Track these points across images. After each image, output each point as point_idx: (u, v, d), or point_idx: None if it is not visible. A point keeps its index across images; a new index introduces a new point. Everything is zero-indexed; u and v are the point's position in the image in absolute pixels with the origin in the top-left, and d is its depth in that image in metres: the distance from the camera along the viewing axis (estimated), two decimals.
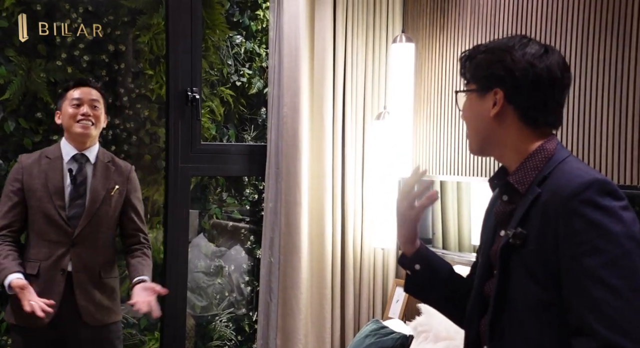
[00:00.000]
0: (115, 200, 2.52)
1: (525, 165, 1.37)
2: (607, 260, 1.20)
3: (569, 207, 1.24)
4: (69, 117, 2.48)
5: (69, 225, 2.44)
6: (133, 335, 3.59)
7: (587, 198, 1.23)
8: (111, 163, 2.56)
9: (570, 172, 1.30)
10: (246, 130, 3.90)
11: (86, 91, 2.52)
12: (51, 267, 2.42)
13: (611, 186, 1.25)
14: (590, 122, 2.34)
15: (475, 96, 1.40)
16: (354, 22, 3.22)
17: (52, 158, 2.49)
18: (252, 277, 3.83)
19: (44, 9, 3.37)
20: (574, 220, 1.23)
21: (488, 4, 2.81)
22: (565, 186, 1.26)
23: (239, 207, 3.94)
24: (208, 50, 3.71)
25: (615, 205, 1.23)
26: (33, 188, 2.44)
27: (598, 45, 2.32)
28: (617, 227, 1.22)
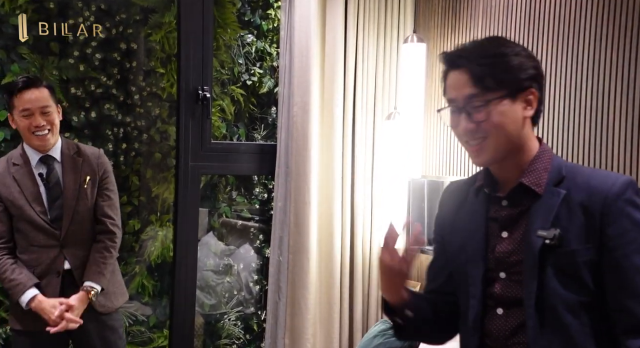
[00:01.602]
0: (90, 191, 2.48)
1: (535, 166, 1.37)
2: None
3: (616, 207, 1.28)
4: (23, 128, 2.41)
5: (54, 228, 2.42)
6: (142, 332, 3.60)
7: (628, 199, 1.29)
8: (77, 154, 2.50)
9: (594, 172, 1.36)
10: (256, 129, 3.91)
11: (33, 97, 2.38)
12: (45, 271, 2.42)
13: (638, 186, 1.32)
14: (602, 124, 2.33)
15: (508, 101, 1.35)
16: (365, 21, 3.22)
17: (20, 164, 2.44)
18: (261, 276, 3.84)
19: (57, 7, 3.39)
20: (622, 219, 1.27)
21: (500, 4, 2.80)
22: (604, 187, 1.30)
23: (248, 206, 3.95)
24: (219, 49, 3.72)
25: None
26: (11, 198, 2.41)
27: (611, 46, 2.30)
28: None
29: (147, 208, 3.72)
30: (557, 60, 2.51)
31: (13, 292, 2.38)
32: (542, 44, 2.58)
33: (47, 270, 2.42)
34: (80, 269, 2.45)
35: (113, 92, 3.57)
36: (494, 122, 1.35)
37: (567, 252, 1.30)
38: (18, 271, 2.37)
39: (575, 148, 2.43)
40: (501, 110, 1.35)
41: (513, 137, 1.37)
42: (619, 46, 2.27)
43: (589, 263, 1.29)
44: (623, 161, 2.25)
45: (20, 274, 2.37)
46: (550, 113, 2.54)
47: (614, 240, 1.27)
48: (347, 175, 3.21)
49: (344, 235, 3.20)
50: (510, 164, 1.40)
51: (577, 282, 1.29)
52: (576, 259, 1.29)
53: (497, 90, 1.34)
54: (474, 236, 1.43)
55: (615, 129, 2.29)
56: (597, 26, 2.35)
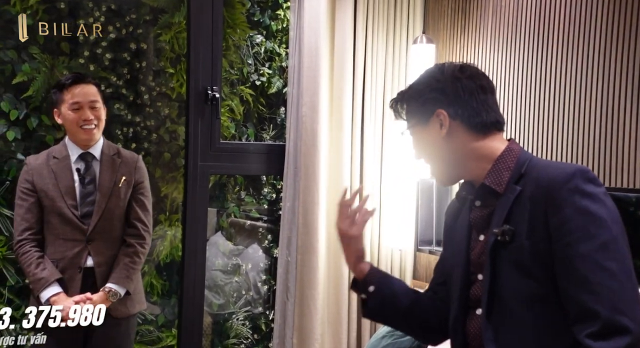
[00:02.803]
0: (124, 192, 2.52)
1: (497, 166, 1.41)
2: (600, 244, 1.25)
3: (558, 196, 1.28)
4: (71, 122, 2.46)
5: (83, 223, 2.45)
6: (151, 331, 3.62)
7: (574, 187, 1.28)
8: (117, 155, 2.54)
9: (548, 166, 1.36)
10: (265, 129, 3.92)
11: (83, 91, 2.45)
12: (68, 265, 2.44)
13: (592, 174, 1.31)
14: (611, 126, 2.32)
15: (420, 128, 1.46)
16: (374, 22, 3.22)
17: (60, 158, 2.49)
18: (269, 276, 3.85)
19: (68, 7, 3.41)
20: (564, 208, 1.28)
21: (510, 5, 2.79)
22: (550, 178, 1.31)
23: (257, 206, 3.96)
24: (228, 49, 3.73)
25: (599, 191, 1.30)
26: (45, 189, 2.45)
27: (621, 48, 2.29)
28: (604, 212, 1.28)
29: (156, 208, 3.74)
30: (566, 61, 2.50)
31: (35, 286, 2.40)
32: (551, 46, 2.57)
33: (70, 264, 2.43)
34: (102, 267, 2.46)
35: (123, 91, 3.58)
36: (417, 150, 1.51)
37: (518, 246, 1.32)
38: (42, 266, 2.40)
39: (585, 151, 2.42)
40: (418, 137, 1.49)
41: (443, 157, 1.45)
42: (629, 48, 2.26)
43: (538, 255, 1.30)
44: (633, 163, 2.24)
45: (44, 269, 2.39)
46: (559, 115, 2.53)
47: (558, 230, 1.28)
48: (355, 175, 3.21)
49: None
50: (474, 171, 1.44)
51: (530, 275, 1.31)
52: (526, 252, 1.31)
53: (411, 121, 1.50)
54: (460, 242, 1.48)
55: (625, 131, 2.28)
56: (607, 28, 2.34)
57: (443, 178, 1.48)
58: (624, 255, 1.27)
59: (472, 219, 1.45)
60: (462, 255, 1.46)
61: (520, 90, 2.73)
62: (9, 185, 3.28)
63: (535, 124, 2.65)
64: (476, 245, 1.44)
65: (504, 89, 2.82)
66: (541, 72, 2.62)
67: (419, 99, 1.46)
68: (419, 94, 1.47)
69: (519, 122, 2.73)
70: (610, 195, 1.34)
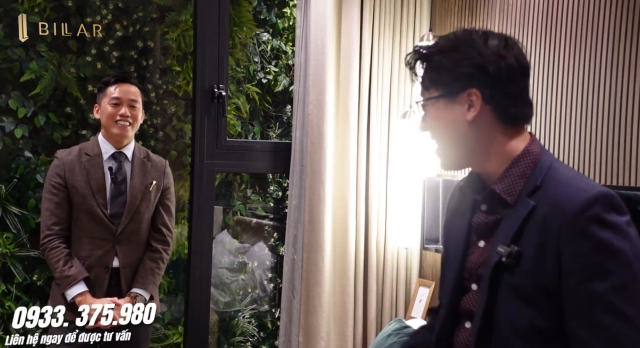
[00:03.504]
0: (154, 196, 2.55)
1: (511, 172, 1.23)
2: (618, 285, 1.10)
3: (575, 225, 1.12)
4: (108, 116, 2.50)
5: (113, 223, 2.46)
6: (157, 329, 3.62)
7: (594, 216, 1.12)
8: (147, 159, 2.58)
9: (568, 184, 1.18)
10: (271, 127, 3.92)
11: (126, 89, 2.51)
12: (95, 264, 2.45)
13: (616, 200, 1.15)
14: (621, 122, 2.31)
15: (444, 103, 1.25)
16: (381, 20, 3.21)
17: (92, 155, 2.50)
18: (275, 273, 3.85)
19: (75, 5, 3.42)
20: (581, 240, 1.12)
21: (517, 3, 2.78)
22: (568, 201, 1.14)
23: (263, 204, 3.96)
24: (235, 47, 3.73)
25: (622, 222, 1.13)
26: (76, 186, 2.46)
27: (629, 46, 2.28)
28: (626, 246, 1.12)
29: None
30: (574, 59, 2.49)
31: (62, 283, 2.40)
32: (559, 43, 2.56)
33: (97, 263, 2.44)
34: (128, 268, 2.48)
35: None
36: (429, 126, 1.29)
37: (523, 272, 1.16)
38: (70, 263, 2.41)
39: (593, 148, 2.41)
40: (436, 112, 1.27)
41: (459, 142, 1.26)
42: (637, 45, 2.25)
43: (544, 286, 1.15)
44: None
45: (71, 267, 2.40)
46: (567, 113, 2.52)
47: (572, 263, 1.12)
48: (361, 173, 3.21)
49: (359, 233, 3.20)
50: (488, 167, 1.27)
51: (532, 305, 1.16)
52: (531, 280, 1.16)
53: (433, 90, 1.27)
54: (457, 242, 1.33)
55: (634, 128, 2.27)
56: (615, 26, 2.33)
57: (448, 163, 1.30)
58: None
59: (474, 223, 1.29)
60: (457, 259, 1.31)
61: None
62: (16, 183, 3.29)
63: (543, 121, 2.64)
64: (475, 251, 1.29)
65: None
66: (548, 69, 2.61)
67: (453, 69, 1.23)
68: (454, 64, 1.23)
69: None
70: (620, 194, 1.19)
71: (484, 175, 1.29)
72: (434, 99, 1.26)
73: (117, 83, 2.52)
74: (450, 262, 1.34)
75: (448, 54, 1.24)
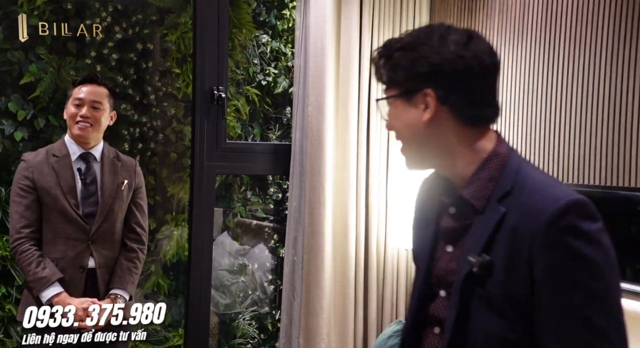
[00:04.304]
0: (126, 195, 2.52)
1: (479, 176, 1.17)
2: (591, 296, 1.06)
3: (547, 235, 1.07)
4: (70, 116, 2.47)
5: (86, 222, 2.44)
6: (157, 331, 3.62)
7: (567, 225, 1.07)
8: (116, 158, 2.55)
9: (540, 190, 1.12)
10: (271, 129, 3.92)
11: (91, 90, 2.47)
12: (70, 264, 2.41)
13: (589, 207, 1.10)
14: (620, 122, 2.31)
15: (401, 102, 1.20)
16: (380, 21, 3.21)
17: (60, 156, 2.47)
18: (276, 275, 3.85)
19: (74, 8, 3.42)
20: (554, 250, 1.07)
21: (517, 4, 2.78)
22: (541, 210, 1.09)
23: (263, 206, 3.96)
24: (234, 49, 3.73)
25: (595, 229, 1.08)
26: (46, 187, 2.43)
27: (629, 47, 2.28)
28: (600, 256, 1.08)
29: (163, 208, 3.75)
30: (573, 59, 2.49)
31: (36, 285, 2.37)
32: (559, 43, 2.56)
33: (71, 264, 2.42)
34: (104, 268, 2.46)
35: (129, 92, 3.59)
36: (390, 125, 1.24)
37: (494, 282, 1.11)
38: (43, 264, 2.38)
39: (592, 148, 2.40)
40: (394, 112, 1.22)
41: (418, 143, 1.20)
42: (637, 44, 2.25)
43: (514, 298, 1.10)
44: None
45: (45, 268, 2.37)
46: (566, 113, 2.52)
47: (543, 274, 1.07)
48: (361, 175, 3.21)
49: (359, 235, 3.20)
50: (454, 169, 1.21)
51: (503, 317, 1.11)
52: (502, 291, 1.11)
53: (392, 89, 1.22)
54: (424, 245, 1.28)
55: (633, 129, 2.27)
56: (615, 25, 2.33)
57: (411, 164, 1.25)
58: (618, 309, 1.08)
59: (442, 228, 1.24)
60: (424, 263, 1.26)
61: (525, 89, 2.72)
62: None
63: (541, 121, 2.64)
64: (442, 256, 1.24)
65: (510, 87, 2.81)
66: (548, 70, 2.61)
67: (409, 68, 1.18)
68: (411, 63, 1.17)
69: (525, 119, 2.72)
70: (619, 195, 1.16)
71: (451, 177, 1.23)
72: (391, 98, 1.22)
73: (84, 83, 2.48)
74: (418, 268, 1.30)
75: (406, 52, 1.19)
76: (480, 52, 1.18)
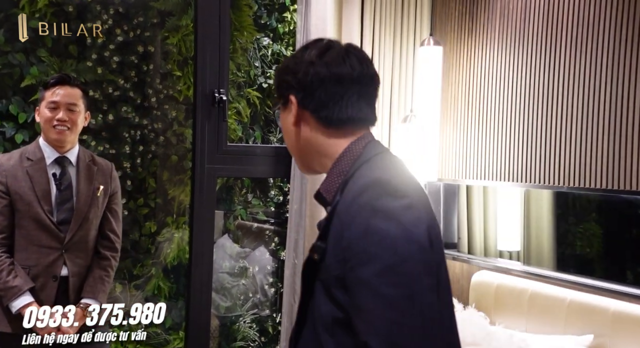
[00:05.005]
0: (101, 201, 2.46)
1: (332, 171, 1.27)
2: (381, 268, 1.09)
3: (350, 213, 1.14)
4: (45, 120, 2.39)
5: (60, 230, 2.37)
6: (158, 334, 3.62)
7: (364, 202, 1.13)
8: (92, 162, 2.48)
9: (361, 175, 1.20)
10: (272, 131, 3.92)
11: (64, 92, 2.39)
12: (42, 273, 2.35)
13: (392, 185, 1.15)
14: (621, 128, 2.31)
15: (281, 112, 1.33)
16: (381, 24, 3.22)
17: (34, 160, 2.39)
18: (276, 278, 3.84)
19: (76, 10, 3.42)
20: (352, 227, 1.13)
21: (518, 8, 2.78)
22: (350, 189, 1.18)
23: (263, 209, 3.96)
24: (235, 52, 3.73)
25: (395, 206, 1.12)
26: (20, 192, 2.35)
27: (630, 49, 2.28)
28: (394, 230, 1.11)
29: (164, 211, 3.74)
30: (576, 63, 2.49)
31: (6, 294, 2.30)
32: (560, 47, 2.56)
33: (44, 272, 2.35)
34: (76, 277, 2.39)
35: (130, 94, 3.59)
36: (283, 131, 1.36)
37: (325, 266, 1.18)
38: (14, 273, 2.31)
39: (595, 149, 2.40)
40: (281, 121, 1.34)
41: (294, 146, 1.32)
42: (637, 53, 2.25)
43: (337, 279, 1.15)
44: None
45: (16, 277, 2.30)
46: (568, 117, 2.52)
47: (346, 251, 1.13)
48: None
49: None
50: (325, 169, 1.31)
51: (333, 298, 1.16)
52: (330, 274, 1.16)
53: (276, 98, 1.35)
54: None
55: (635, 131, 2.27)
56: (617, 29, 2.33)
57: (301, 169, 1.38)
58: (412, 280, 1.09)
59: (317, 226, 1.30)
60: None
61: (527, 92, 2.72)
62: None
63: (544, 124, 2.64)
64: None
65: (512, 90, 2.81)
66: (549, 73, 2.61)
67: (277, 78, 1.33)
68: (280, 73, 1.33)
69: (527, 122, 2.72)
70: (620, 198, 1.12)
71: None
72: (275, 107, 1.36)
73: (57, 85, 2.40)
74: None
75: (279, 65, 1.35)
76: (333, 61, 1.28)
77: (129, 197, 3.63)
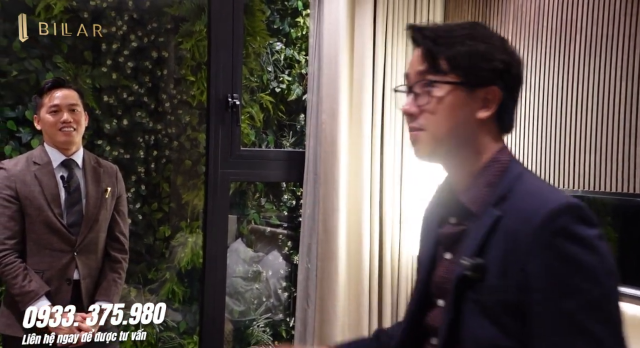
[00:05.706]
0: (109, 203, 2.47)
1: (477, 181, 1.15)
2: (586, 302, 1.01)
3: (540, 238, 1.03)
4: (50, 125, 2.39)
5: (71, 233, 2.37)
6: (172, 338, 3.63)
7: (561, 228, 1.03)
8: (97, 164, 2.49)
9: (534, 194, 1.10)
10: (285, 136, 3.93)
11: (63, 95, 2.40)
12: (56, 276, 2.35)
13: (585, 211, 1.06)
14: (636, 130, 2.29)
15: (459, 92, 1.13)
16: (394, 28, 3.21)
17: (42, 164, 2.40)
18: (290, 282, 3.85)
19: (91, 17, 3.46)
20: (547, 254, 1.03)
21: (531, 10, 2.77)
22: (534, 212, 1.05)
23: (277, 213, 3.97)
24: (248, 56, 3.75)
25: (591, 235, 1.04)
26: (30, 197, 2.35)
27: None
28: (596, 261, 1.03)
29: (177, 215, 3.76)
30: (589, 64, 2.48)
31: (23, 299, 2.30)
32: (575, 49, 2.55)
33: (57, 276, 2.36)
34: (88, 279, 2.40)
35: (144, 99, 3.62)
36: (431, 108, 1.15)
37: (487, 287, 1.08)
38: (29, 277, 2.31)
39: (611, 152, 2.39)
40: (450, 100, 1.14)
41: (456, 136, 1.15)
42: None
43: (508, 304, 1.06)
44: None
45: (31, 281, 2.31)
46: (580, 118, 2.50)
47: (536, 280, 1.03)
48: (375, 182, 3.20)
49: (373, 242, 3.19)
50: (460, 170, 1.18)
51: (496, 323, 1.07)
52: (495, 297, 1.07)
53: (449, 74, 1.13)
54: (426, 255, 1.25)
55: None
56: (631, 30, 2.31)
57: (424, 154, 1.20)
58: (615, 317, 1.03)
59: (441, 235, 1.21)
60: (424, 272, 1.23)
61: (540, 94, 2.71)
62: None
63: (556, 126, 2.62)
64: (441, 264, 1.21)
65: (524, 92, 2.79)
66: (562, 75, 2.60)
67: (486, 60, 1.12)
68: (489, 55, 1.13)
69: (539, 124, 2.70)
70: (635, 202, 1.12)
71: (454, 180, 1.21)
72: (452, 84, 1.13)
73: (52, 89, 2.41)
74: (419, 276, 1.27)
75: (478, 43, 1.13)
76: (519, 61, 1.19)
77: (143, 202, 3.65)
